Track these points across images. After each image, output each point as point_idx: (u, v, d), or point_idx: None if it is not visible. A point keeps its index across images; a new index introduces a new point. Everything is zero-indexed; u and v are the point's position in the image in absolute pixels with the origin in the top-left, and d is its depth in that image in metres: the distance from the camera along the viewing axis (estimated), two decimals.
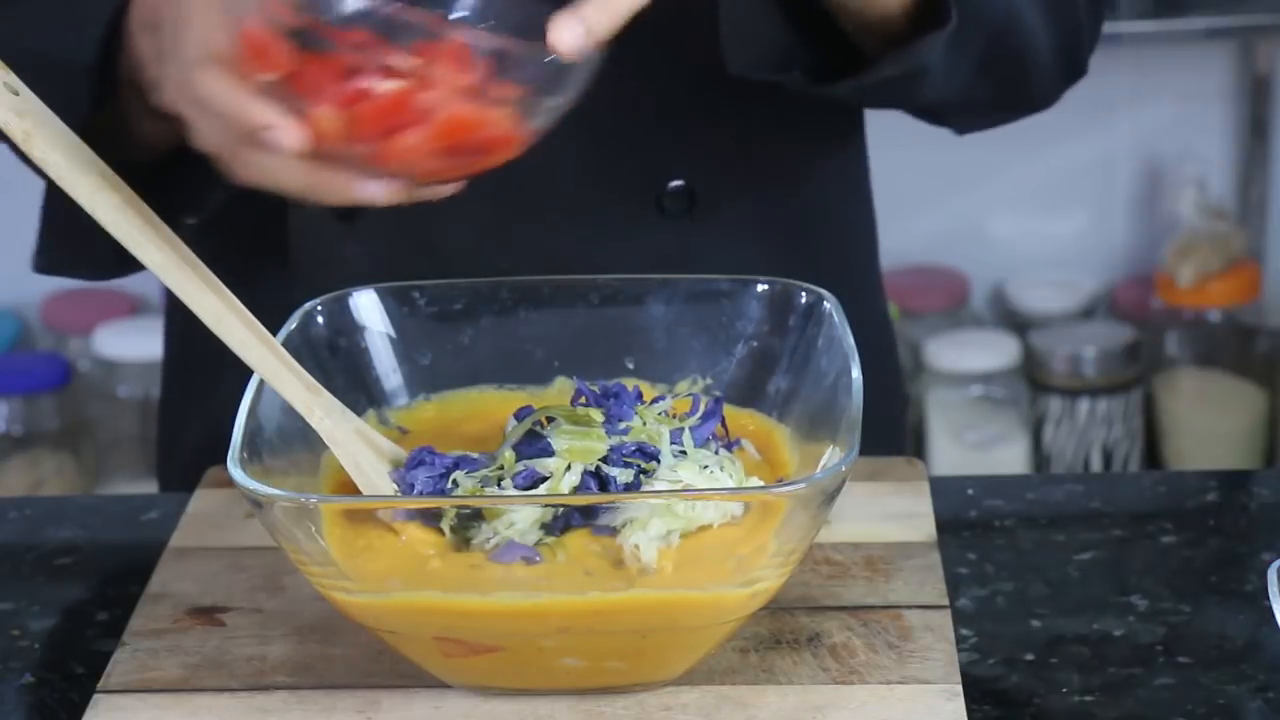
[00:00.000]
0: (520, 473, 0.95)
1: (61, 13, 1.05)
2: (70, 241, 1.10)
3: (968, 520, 1.13)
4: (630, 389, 1.00)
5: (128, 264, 0.97)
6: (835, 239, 1.28)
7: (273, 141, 0.90)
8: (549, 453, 0.95)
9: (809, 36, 1.11)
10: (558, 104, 0.92)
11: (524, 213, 1.17)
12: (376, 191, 0.92)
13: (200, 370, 1.23)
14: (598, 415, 0.97)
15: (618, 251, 1.17)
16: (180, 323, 1.28)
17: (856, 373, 0.97)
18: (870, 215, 1.32)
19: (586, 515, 0.92)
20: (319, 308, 1.05)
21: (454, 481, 0.96)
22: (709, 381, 1.06)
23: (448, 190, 0.95)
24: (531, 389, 1.07)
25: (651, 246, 1.19)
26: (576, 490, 0.94)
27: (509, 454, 0.96)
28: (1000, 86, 1.17)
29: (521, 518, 0.91)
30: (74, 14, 1.03)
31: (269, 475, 0.93)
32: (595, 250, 1.17)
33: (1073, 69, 1.21)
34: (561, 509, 0.92)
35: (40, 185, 1.06)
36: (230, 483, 0.91)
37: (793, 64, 1.10)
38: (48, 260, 1.12)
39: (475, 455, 0.98)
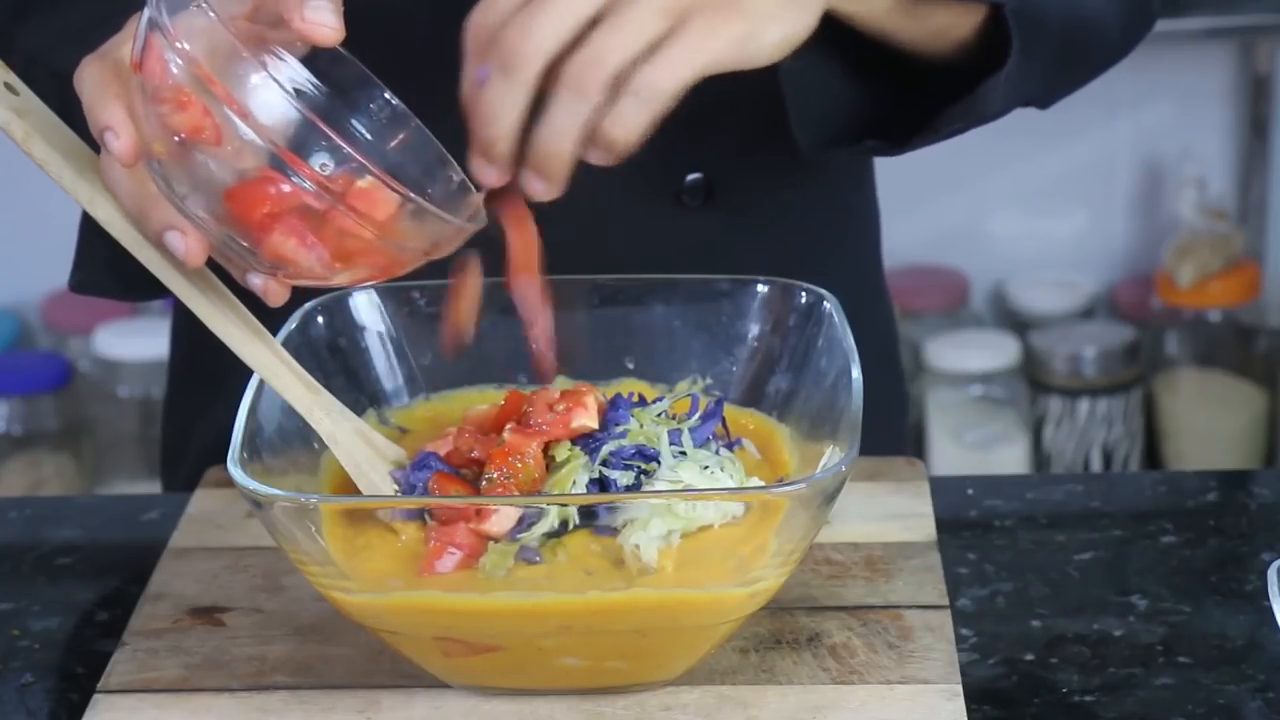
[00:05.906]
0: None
1: (99, 36, 1.04)
2: (103, 261, 1.10)
3: (968, 520, 1.13)
4: (625, 395, 1.00)
5: (158, 286, 0.97)
6: (846, 230, 1.28)
7: (107, 142, 0.91)
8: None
9: (872, 92, 1.10)
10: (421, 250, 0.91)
11: (541, 206, 1.17)
12: (178, 245, 0.91)
13: (207, 372, 1.23)
14: (563, 449, 0.96)
15: (636, 244, 1.17)
16: (187, 324, 1.28)
17: (856, 373, 0.97)
18: (875, 206, 1.32)
19: (587, 516, 0.92)
20: (319, 308, 1.05)
21: None
22: (709, 381, 1.06)
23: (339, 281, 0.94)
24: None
25: (669, 239, 1.19)
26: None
27: None
28: (1074, 70, 1.17)
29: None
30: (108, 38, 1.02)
31: (269, 475, 0.93)
32: (613, 244, 1.17)
33: (1143, 22, 1.20)
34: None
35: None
36: (230, 483, 0.91)
37: (863, 133, 1.10)
38: (81, 279, 1.12)
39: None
